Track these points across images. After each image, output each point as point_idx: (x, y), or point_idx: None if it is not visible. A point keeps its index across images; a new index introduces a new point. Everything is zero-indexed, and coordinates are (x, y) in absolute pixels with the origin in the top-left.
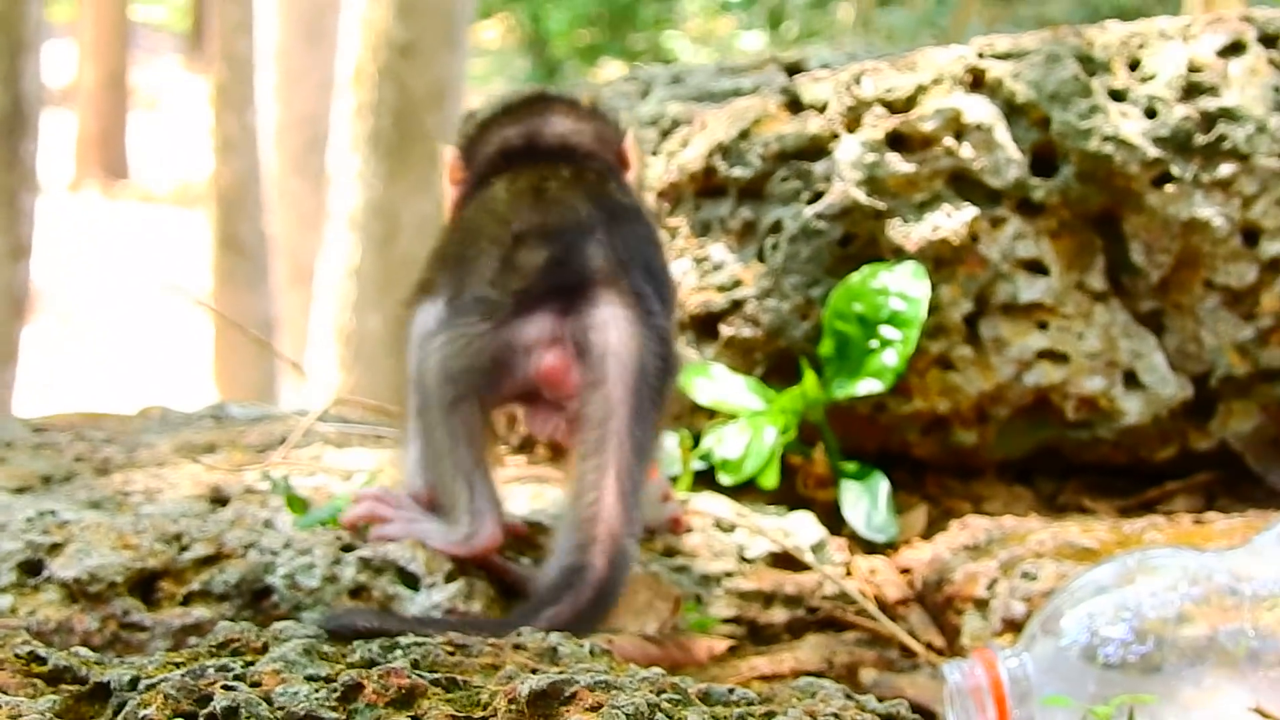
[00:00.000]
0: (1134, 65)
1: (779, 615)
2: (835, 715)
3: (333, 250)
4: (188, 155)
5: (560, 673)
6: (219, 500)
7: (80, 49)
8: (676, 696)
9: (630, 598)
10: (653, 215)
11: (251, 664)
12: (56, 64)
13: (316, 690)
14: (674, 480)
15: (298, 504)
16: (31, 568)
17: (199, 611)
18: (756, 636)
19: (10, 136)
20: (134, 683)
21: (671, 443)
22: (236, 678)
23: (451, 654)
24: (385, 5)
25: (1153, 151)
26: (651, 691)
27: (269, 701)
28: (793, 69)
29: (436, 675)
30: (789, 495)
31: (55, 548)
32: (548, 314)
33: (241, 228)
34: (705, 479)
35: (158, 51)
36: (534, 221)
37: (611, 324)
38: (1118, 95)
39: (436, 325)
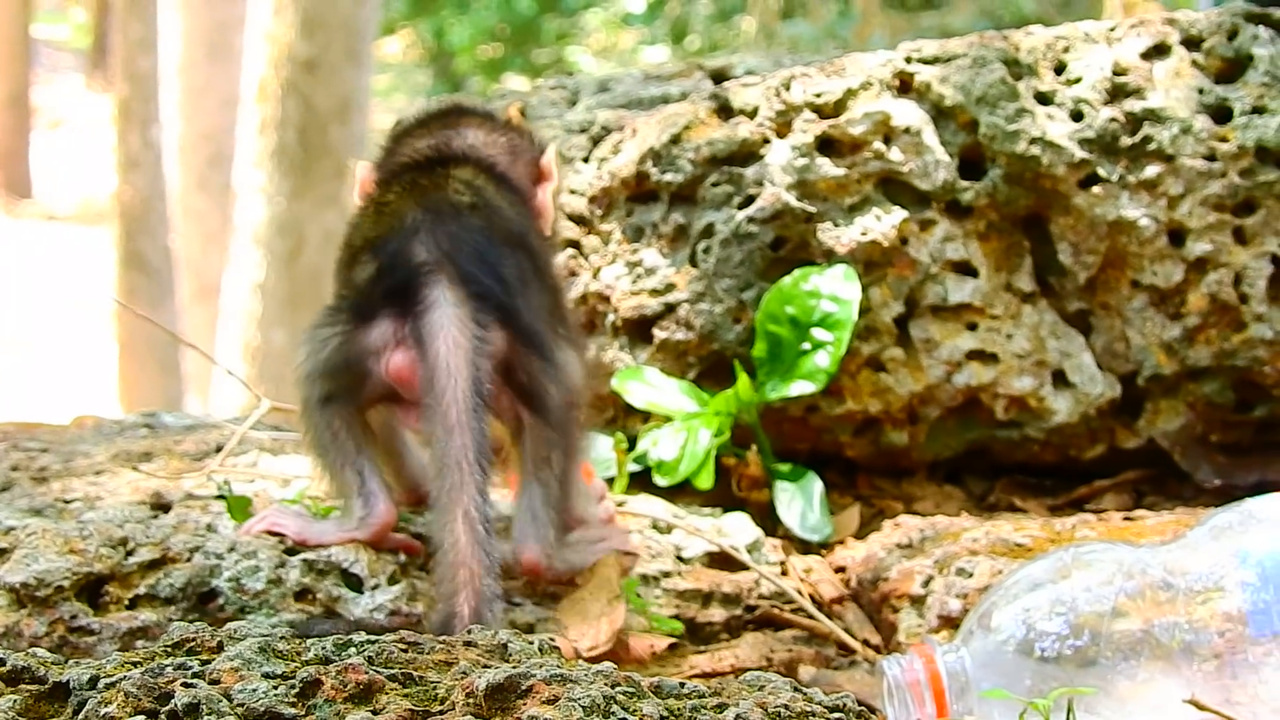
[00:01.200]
0: (1060, 68)
1: (717, 614)
2: (785, 707)
3: (238, 266)
4: (91, 173)
5: (515, 667)
6: (160, 506)
7: None
8: (630, 689)
9: (582, 605)
10: (535, 227)
11: (209, 663)
12: None
13: (275, 687)
14: (610, 482)
15: (239, 509)
16: None
17: (146, 615)
18: (695, 635)
19: None
20: (93, 681)
21: (606, 445)
22: (195, 675)
23: (405, 651)
24: (288, 21)
25: (1079, 153)
26: (606, 685)
27: (229, 698)
28: (719, 76)
29: (393, 671)
30: (724, 496)
31: (2, 553)
32: (385, 317)
33: (145, 245)
34: (641, 481)
35: (59, 70)
36: (373, 231)
37: (440, 328)
38: (1044, 98)
39: (305, 334)
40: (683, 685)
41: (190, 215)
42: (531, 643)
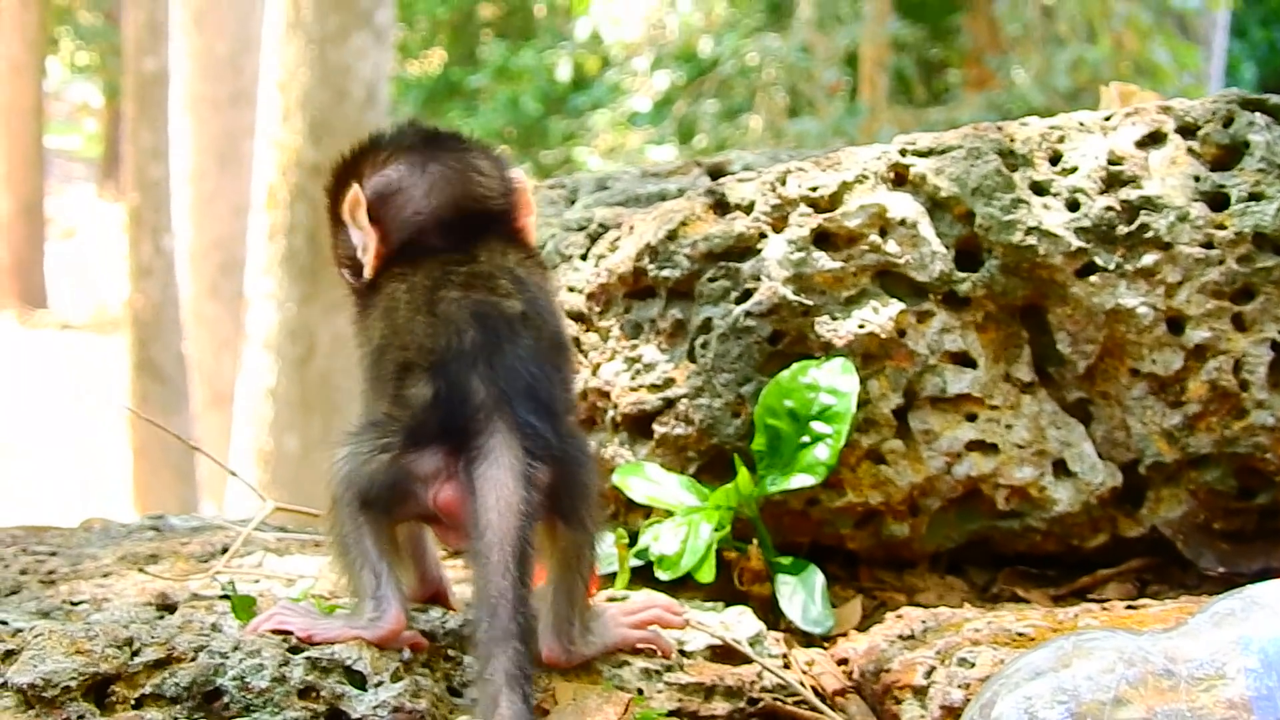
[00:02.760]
0: (1055, 158)
1: (720, 707)
2: None
3: (250, 372)
4: (104, 281)
5: None
6: (166, 607)
7: None
8: None
9: (580, 699)
10: (547, 279)
11: None
12: None
13: None
14: (612, 578)
15: (244, 608)
16: None
17: (152, 714)
18: None
19: None
20: None
21: (608, 541)
22: None
23: None
24: (296, 128)
25: (1076, 242)
26: None
27: None
28: (715, 172)
29: None
30: (725, 590)
31: (9, 655)
32: (439, 450)
33: (159, 352)
34: (643, 575)
35: (72, 179)
36: (424, 346)
37: (495, 484)
38: (1040, 188)
39: (346, 438)
40: None
41: (202, 322)
42: None
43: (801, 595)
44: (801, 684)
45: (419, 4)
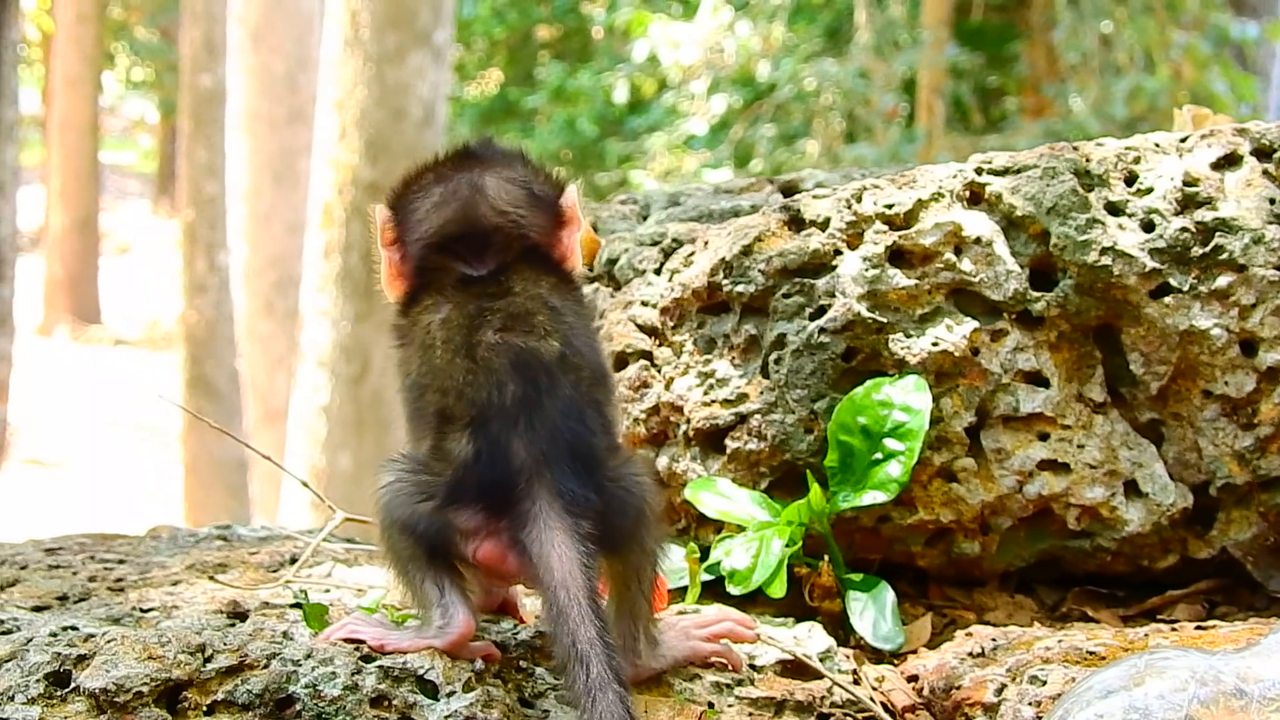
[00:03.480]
0: (1131, 179)
1: None
2: None
3: (303, 390)
4: (158, 298)
5: None
6: (238, 615)
7: (48, 193)
8: None
9: (652, 712)
10: (588, 316)
11: None
12: (23, 208)
13: None
14: (683, 592)
15: (315, 616)
16: (59, 679)
17: None
18: None
19: None
20: None
21: (679, 555)
22: None
23: None
24: (353, 146)
25: (1150, 263)
26: None
27: None
28: (788, 189)
29: None
30: (796, 605)
31: (81, 660)
32: (479, 508)
33: (212, 369)
34: (714, 590)
35: (126, 195)
36: (465, 395)
37: (550, 545)
38: (1115, 208)
39: (390, 468)
40: None
41: (256, 339)
42: None
43: (872, 612)
44: (871, 700)
45: (477, 24)
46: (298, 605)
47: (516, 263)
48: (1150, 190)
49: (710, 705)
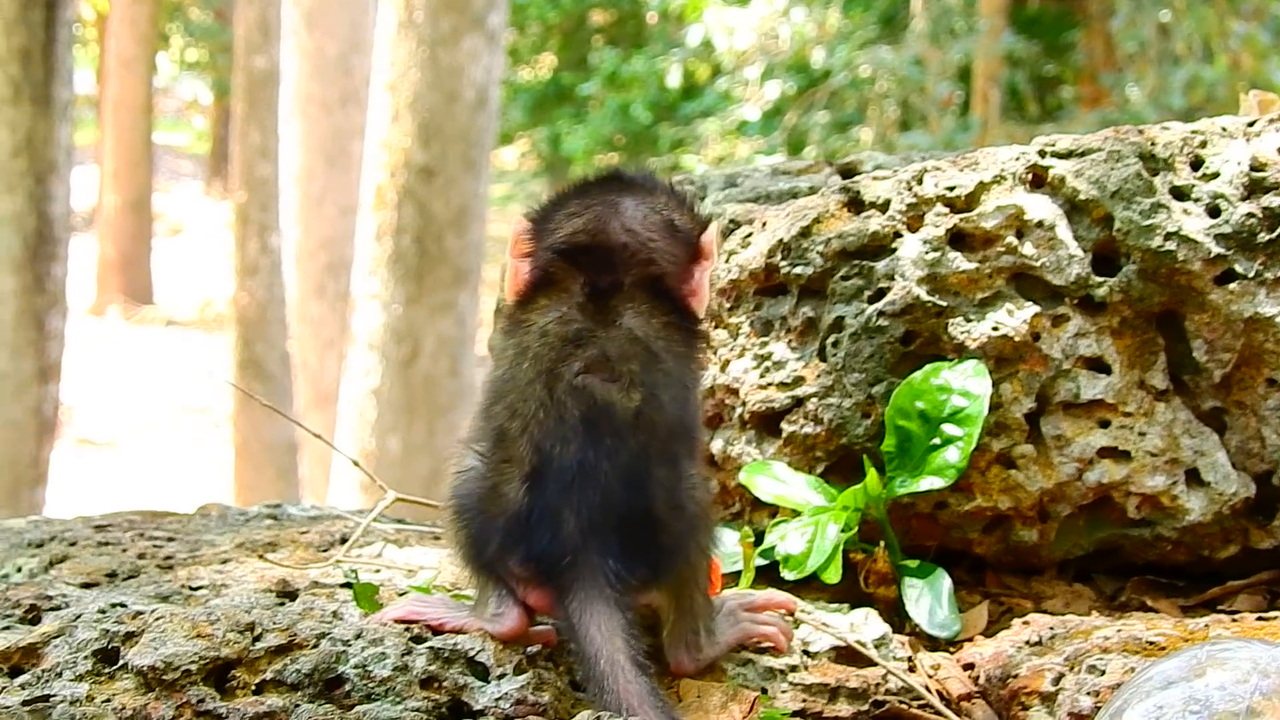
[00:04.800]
0: (1196, 163)
1: (844, 709)
2: None
3: (354, 373)
4: (210, 279)
5: None
6: (287, 594)
7: (102, 173)
8: None
9: (704, 697)
10: (692, 367)
11: None
12: (77, 188)
13: None
14: (736, 577)
15: (366, 596)
16: (107, 656)
17: (273, 700)
18: None
19: (38, 260)
20: None
21: (733, 539)
22: None
23: None
24: (406, 129)
25: (1215, 249)
26: None
27: None
28: (847, 171)
29: None
30: (851, 592)
31: (129, 637)
32: (529, 566)
33: (263, 351)
34: (768, 575)
35: (179, 176)
36: (529, 431)
37: (590, 616)
38: (1180, 193)
39: (471, 458)
40: None
41: (307, 322)
42: None
43: (928, 599)
44: (926, 688)
45: (531, 8)
46: (348, 585)
47: (637, 289)
48: (1216, 175)
49: (763, 691)
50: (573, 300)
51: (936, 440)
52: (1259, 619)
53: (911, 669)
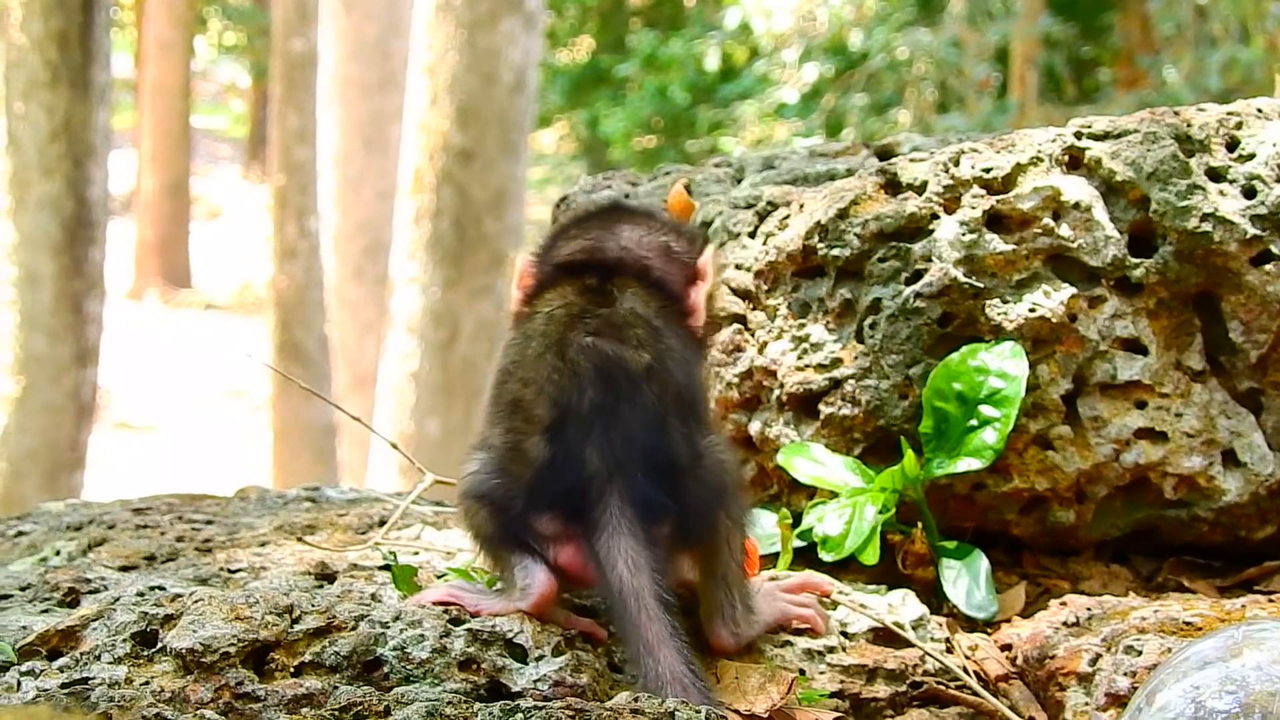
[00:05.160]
0: (1232, 145)
1: (882, 690)
2: None
3: (392, 355)
4: (248, 262)
5: None
6: (326, 576)
7: (140, 157)
8: None
9: (742, 679)
10: (693, 349)
11: None
12: (114, 172)
13: None
14: (774, 558)
15: (405, 579)
16: (146, 639)
17: (311, 682)
18: (859, 711)
19: (77, 243)
20: None
21: (770, 521)
22: None
23: (572, 716)
24: (444, 112)
25: (1251, 230)
26: None
27: None
28: (884, 153)
29: None
30: (888, 573)
31: (168, 619)
32: (557, 514)
33: (301, 334)
34: (806, 556)
35: (217, 159)
36: (544, 391)
37: (617, 554)
38: (1216, 174)
39: (475, 462)
40: None
41: (346, 305)
42: (699, 711)
43: (966, 580)
44: (964, 669)
45: None
46: (386, 567)
47: (634, 281)
48: (1252, 156)
49: (801, 672)
50: (574, 293)
51: (974, 422)
52: None
53: (949, 650)
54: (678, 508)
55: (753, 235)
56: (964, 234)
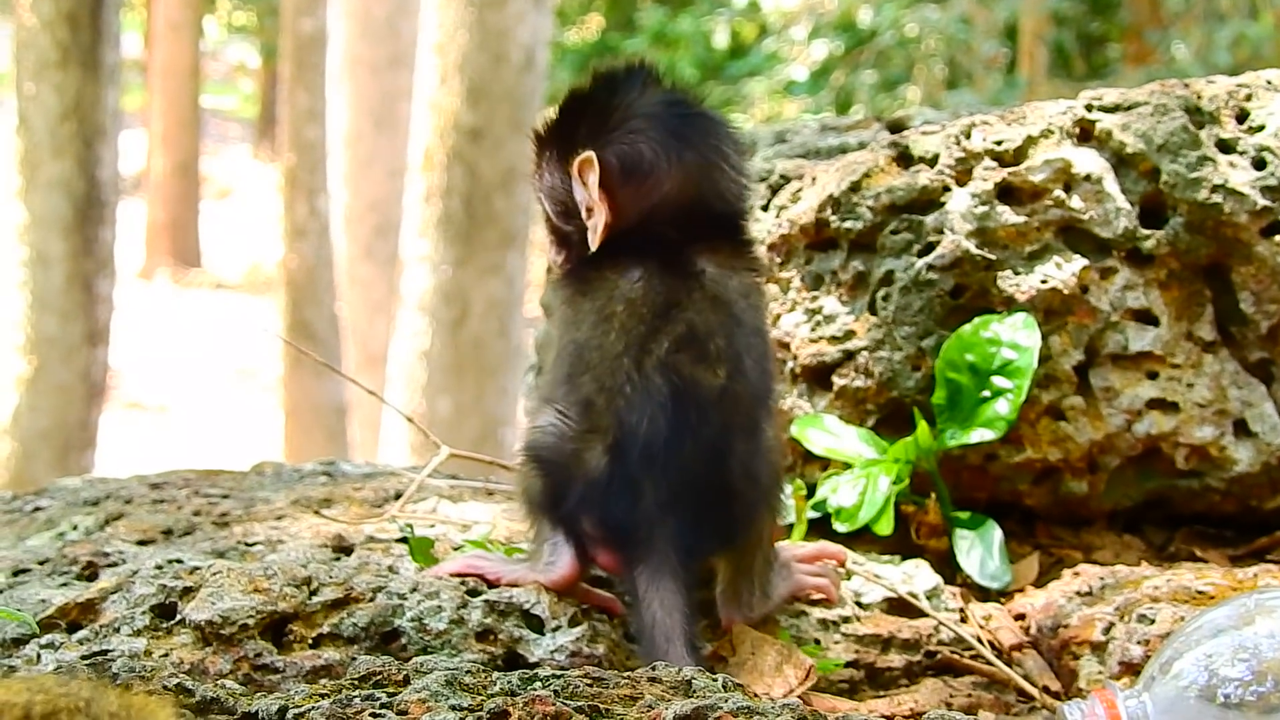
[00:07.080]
0: (1242, 116)
1: (896, 659)
2: None
3: (403, 334)
4: (259, 242)
5: (701, 700)
6: (343, 549)
7: (150, 137)
8: None
9: (759, 655)
10: (763, 302)
11: (396, 695)
12: (124, 152)
13: (463, 718)
14: (789, 529)
15: (422, 551)
16: (165, 611)
17: (330, 654)
18: (874, 680)
19: (87, 224)
20: (282, 713)
21: (785, 492)
22: (384, 707)
23: (590, 685)
24: (454, 90)
25: (1261, 201)
26: (793, 717)
27: None
28: (896, 126)
29: (579, 704)
30: (902, 544)
31: (188, 592)
32: (602, 524)
33: (312, 313)
34: (820, 527)
35: (227, 139)
36: (616, 403)
37: (654, 590)
38: (1226, 146)
39: (543, 416)
40: None
41: (356, 284)
42: (715, 679)
43: (979, 550)
44: (978, 638)
45: None
46: (403, 540)
47: (714, 241)
48: (1262, 128)
49: (816, 642)
50: (656, 267)
51: (986, 393)
52: None
53: (963, 620)
54: (723, 541)
55: (765, 208)
56: (976, 206)
